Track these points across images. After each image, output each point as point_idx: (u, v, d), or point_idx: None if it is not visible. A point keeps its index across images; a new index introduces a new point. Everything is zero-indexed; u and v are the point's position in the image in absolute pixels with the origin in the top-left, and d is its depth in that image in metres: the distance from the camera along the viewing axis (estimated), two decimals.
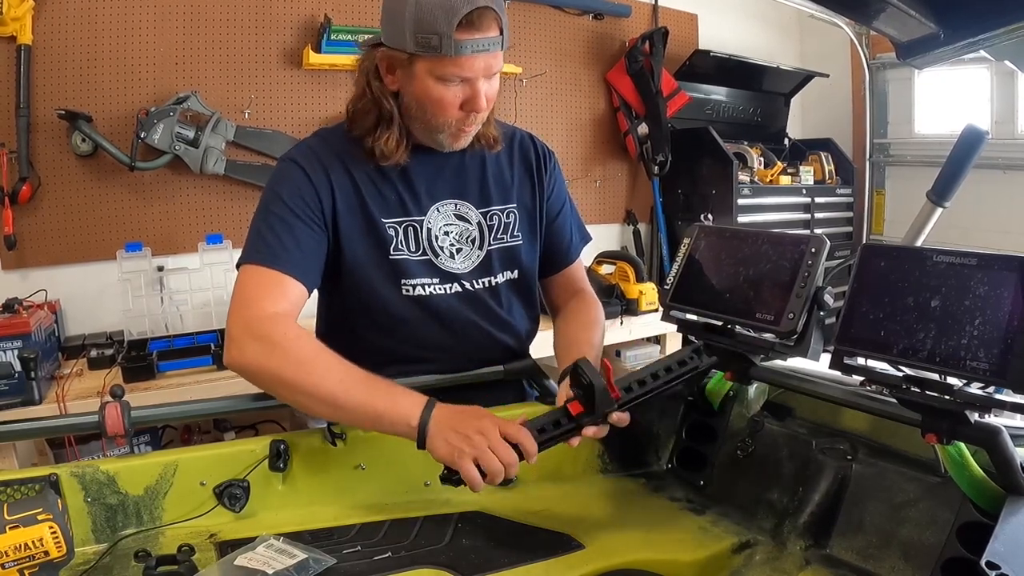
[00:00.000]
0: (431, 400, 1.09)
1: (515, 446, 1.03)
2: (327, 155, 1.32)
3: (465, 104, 1.24)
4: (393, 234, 1.33)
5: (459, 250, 1.38)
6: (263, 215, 1.27)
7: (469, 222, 1.39)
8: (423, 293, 1.35)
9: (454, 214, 1.38)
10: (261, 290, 1.20)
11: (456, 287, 1.37)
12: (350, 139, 1.33)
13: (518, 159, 1.47)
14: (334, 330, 1.41)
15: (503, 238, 1.42)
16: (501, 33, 1.20)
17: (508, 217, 1.43)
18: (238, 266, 1.25)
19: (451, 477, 1.03)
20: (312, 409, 1.14)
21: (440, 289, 1.36)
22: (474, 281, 1.39)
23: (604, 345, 1.44)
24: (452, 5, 1.14)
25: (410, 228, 1.34)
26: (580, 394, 1.08)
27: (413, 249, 1.34)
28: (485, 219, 1.40)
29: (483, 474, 1.01)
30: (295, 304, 1.23)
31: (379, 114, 1.29)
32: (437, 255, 1.36)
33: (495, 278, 1.42)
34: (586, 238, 1.58)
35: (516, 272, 1.45)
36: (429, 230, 1.35)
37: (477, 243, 1.39)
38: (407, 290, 1.34)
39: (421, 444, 1.05)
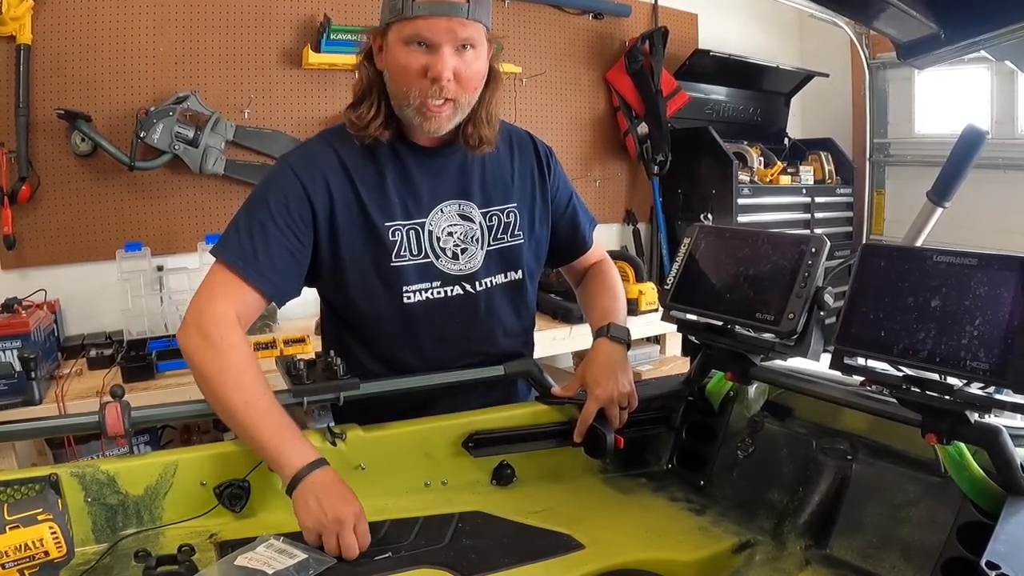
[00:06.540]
0: (321, 461, 1.11)
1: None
2: (327, 159, 1.31)
3: (427, 70, 1.21)
4: (395, 239, 1.31)
5: (464, 250, 1.37)
6: (246, 214, 1.28)
7: (473, 221, 1.38)
8: (422, 299, 1.34)
9: (458, 214, 1.37)
10: (222, 289, 1.23)
11: (457, 290, 1.36)
12: (351, 140, 1.32)
13: (518, 158, 1.46)
14: (337, 345, 1.40)
15: (503, 238, 1.41)
16: (468, 2, 1.20)
17: (508, 217, 1.42)
18: (212, 251, 1.26)
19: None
20: (218, 414, 1.17)
21: (440, 292, 1.35)
22: (476, 283, 1.38)
23: None
24: None
25: (412, 231, 1.33)
26: (590, 439, 1.31)
27: (415, 253, 1.33)
28: (485, 219, 1.40)
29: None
30: (248, 312, 1.25)
31: (365, 90, 1.30)
32: (438, 256, 1.34)
33: (495, 278, 1.41)
34: (594, 222, 1.63)
35: (519, 272, 1.44)
36: (431, 232, 1.34)
37: (480, 243, 1.39)
38: (408, 297, 1.33)
39: (289, 492, 1.09)
